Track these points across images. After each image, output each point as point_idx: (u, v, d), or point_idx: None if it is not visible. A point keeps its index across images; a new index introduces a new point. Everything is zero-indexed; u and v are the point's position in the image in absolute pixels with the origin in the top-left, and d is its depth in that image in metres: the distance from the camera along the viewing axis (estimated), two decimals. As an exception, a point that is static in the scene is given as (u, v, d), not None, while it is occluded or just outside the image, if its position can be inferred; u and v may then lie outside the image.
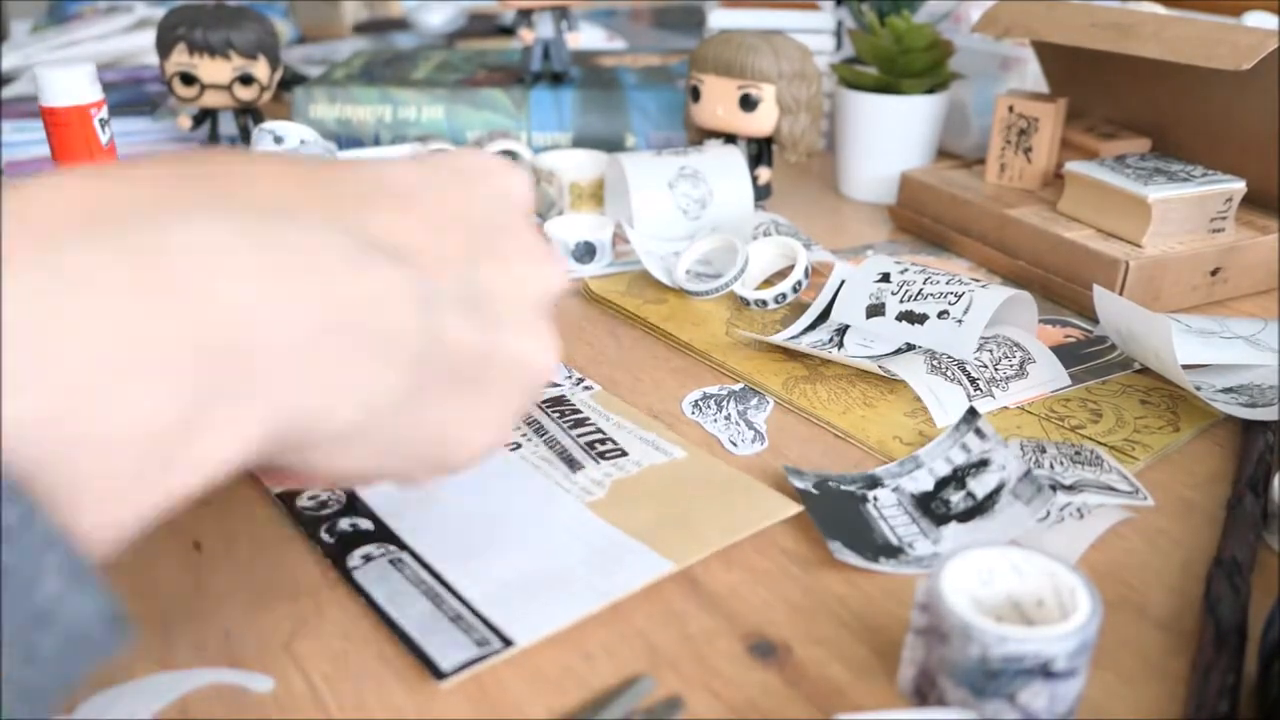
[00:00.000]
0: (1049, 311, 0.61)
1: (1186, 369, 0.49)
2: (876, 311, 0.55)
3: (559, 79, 0.87)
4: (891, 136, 0.78)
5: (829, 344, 0.55)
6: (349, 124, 0.83)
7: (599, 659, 0.34)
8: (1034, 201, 0.69)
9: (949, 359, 0.51)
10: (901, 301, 0.54)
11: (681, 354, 0.56)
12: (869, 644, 0.35)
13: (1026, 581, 0.33)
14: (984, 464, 0.42)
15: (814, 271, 0.62)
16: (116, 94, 0.93)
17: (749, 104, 0.72)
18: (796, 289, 0.60)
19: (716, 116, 0.74)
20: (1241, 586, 0.36)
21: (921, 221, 0.73)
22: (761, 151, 0.76)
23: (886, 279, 0.56)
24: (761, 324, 0.59)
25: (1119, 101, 0.75)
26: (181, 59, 0.76)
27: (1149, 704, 0.33)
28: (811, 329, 0.57)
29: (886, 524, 0.41)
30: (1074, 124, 0.74)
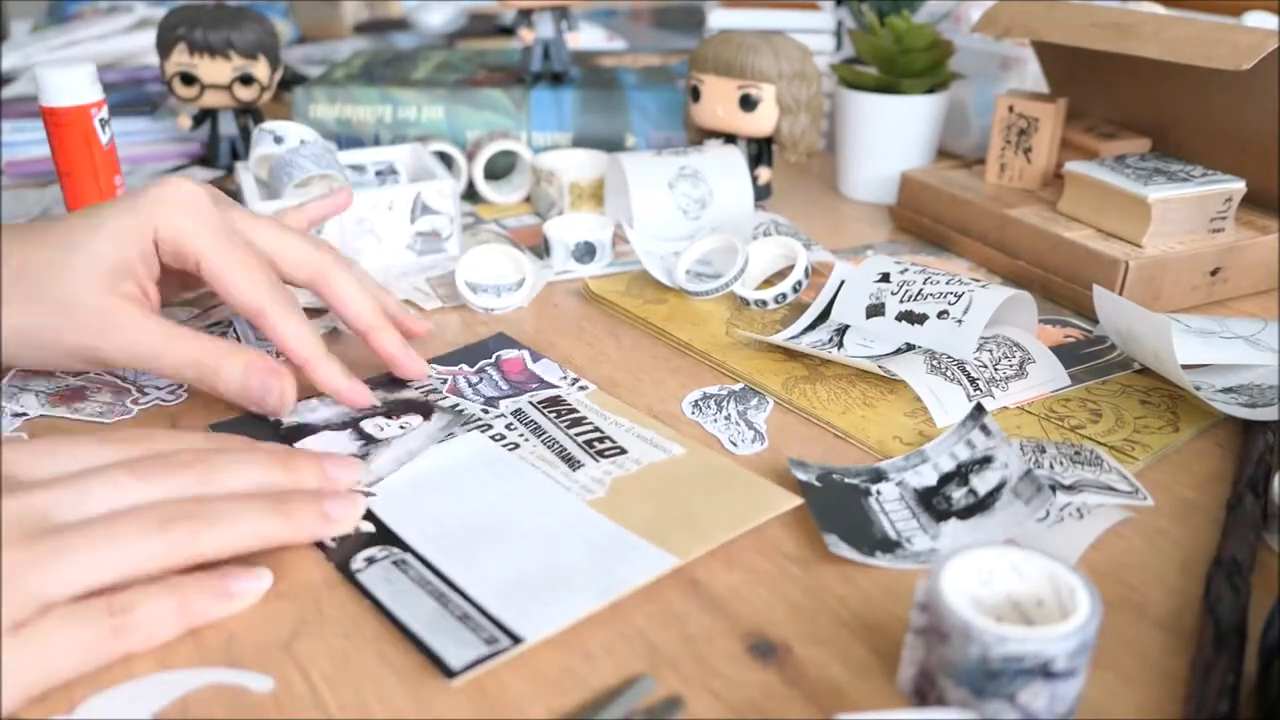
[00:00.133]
0: (1049, 311, 0.61)
1: (1186, 369, 0.49)
2: (876, 311, 0.55)
3: (559, 79, 0.87)
4: (891, 136, 0.78)
5: (829, 344, 0.55)
6: (349, 124, 0.83)
7: (599, 659, 0.34)
8: (1034, 201, 0.69)
9: (949, 359, 0.51)
10: (901, 301, 0.54)
11: (681, 354, 0.56)
12: (869, 644, 0.35)
13: (1026, 581, 0.33)
14: (988, 460, 0.42)
15: (814, 271, 0.63)
16: (117, 94, 0.93)
17: (749, 104, 0.72)
18: (796, 289, 0.60)
19: (716, 116, 0.74)
20: (1241, 586, 0.36)
21: (921, 221, 0.73)
22: (761, 151, 0.76)
23: (886, 279, 0.56)
24: (761, 324, 0.59)
25: (1119, 101, 0.75)
26: (182, 59, 0.76)
27: (1149, 704, 0.33)
28: (811, 329, 0.57)
29: (887, 518, 0.41)
30: (1074, 124, 0.74)
